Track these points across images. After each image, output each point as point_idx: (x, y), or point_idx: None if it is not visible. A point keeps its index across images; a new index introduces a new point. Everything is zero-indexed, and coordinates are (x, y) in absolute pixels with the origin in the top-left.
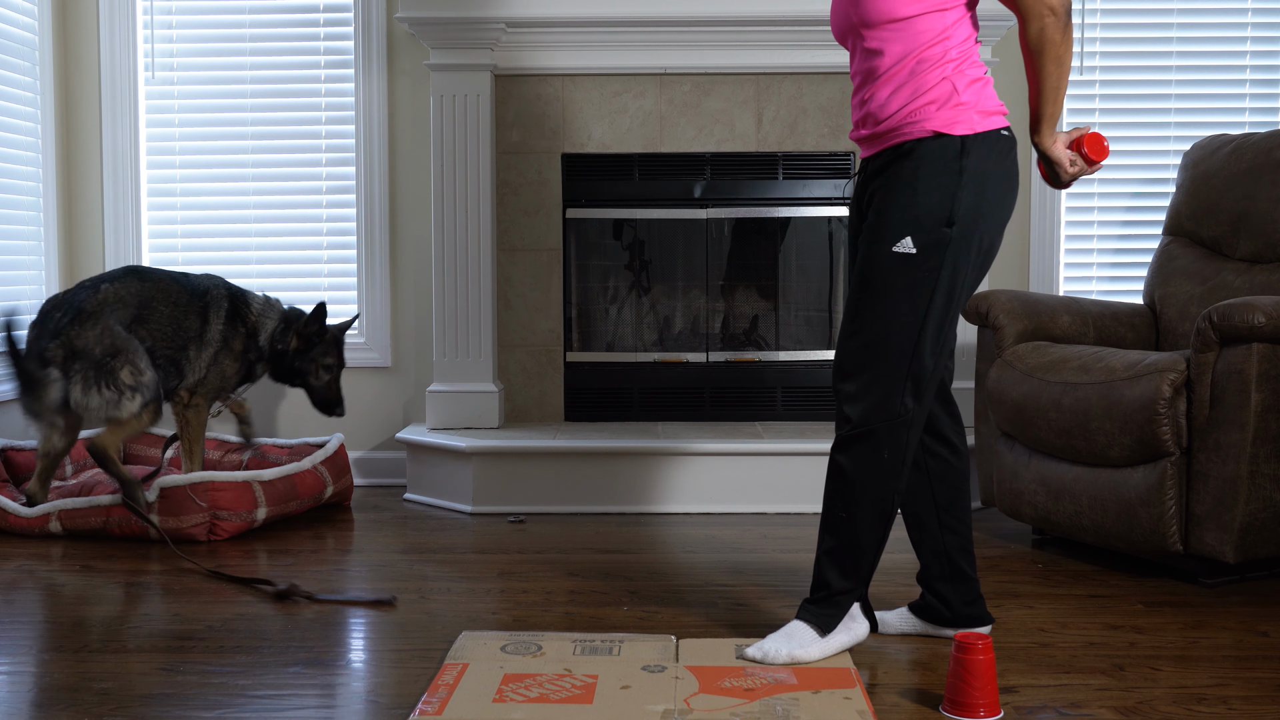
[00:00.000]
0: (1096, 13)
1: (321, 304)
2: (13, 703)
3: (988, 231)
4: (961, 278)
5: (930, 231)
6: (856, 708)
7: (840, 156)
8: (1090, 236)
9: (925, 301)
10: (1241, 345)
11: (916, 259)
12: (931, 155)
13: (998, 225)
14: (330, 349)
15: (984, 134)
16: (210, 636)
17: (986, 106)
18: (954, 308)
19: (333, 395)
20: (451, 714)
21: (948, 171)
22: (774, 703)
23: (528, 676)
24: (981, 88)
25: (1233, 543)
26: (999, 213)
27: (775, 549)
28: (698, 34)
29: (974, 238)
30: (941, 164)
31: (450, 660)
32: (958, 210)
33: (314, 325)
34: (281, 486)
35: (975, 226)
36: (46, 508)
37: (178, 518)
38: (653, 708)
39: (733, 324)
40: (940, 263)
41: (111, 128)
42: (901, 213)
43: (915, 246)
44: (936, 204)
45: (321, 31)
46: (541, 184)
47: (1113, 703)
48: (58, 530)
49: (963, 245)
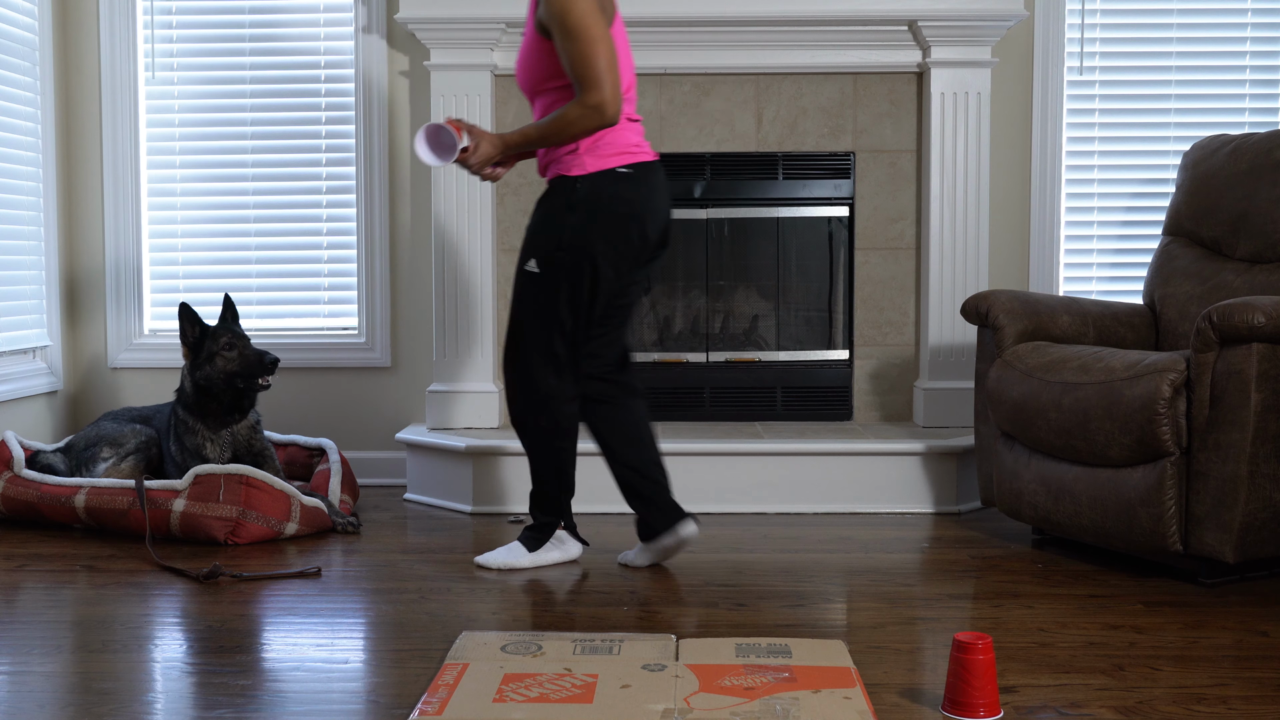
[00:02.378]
0: (1096, 13)
1: (182, 304)
2: (14, 702)
3: (605, 255)
4: (581, 293)
5: (547, 254)
6: (857, 708)
7: (840, 156)
8: (1090, 236)
9: (551, 308)
10: (1241, 345)
11: (540, 277)
12: (553, 192)
13: (615, 251)
14: (217, 336)
15: (598, 174)
16: (210, 636)
17: (604, 152)
18: (585, 314)
19: (252, 359)
20: (452, 714)
21: (562, 206)
22: (774, 702)
23: (528, 676)
24: (605, 136)
25: (1232, 543)
26: (614, 239)
27: (775, 549)
28: (698, 34)
29: (585, 261)
30: (558, 199)
31: (450, 660)
32: (566, 238)
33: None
34: (316, 516)
35: (585, 252)
36: (79, 481)
37: (205, 504)
38: (653, 707)
39: (733, 324)
40: (556, 280)
41: (111, 128)
42: (529, 237)
43: (538, 266)
44: (553, 232)
45: (321, 32)
46: (542, 184)
47: (1113, 703)
48: (81, 505)
49: (574, 267)
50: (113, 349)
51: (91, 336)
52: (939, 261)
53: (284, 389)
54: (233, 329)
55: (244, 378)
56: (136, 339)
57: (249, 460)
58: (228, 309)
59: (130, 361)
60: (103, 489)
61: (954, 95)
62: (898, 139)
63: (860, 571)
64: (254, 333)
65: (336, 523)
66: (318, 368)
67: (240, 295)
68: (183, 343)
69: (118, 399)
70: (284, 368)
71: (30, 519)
